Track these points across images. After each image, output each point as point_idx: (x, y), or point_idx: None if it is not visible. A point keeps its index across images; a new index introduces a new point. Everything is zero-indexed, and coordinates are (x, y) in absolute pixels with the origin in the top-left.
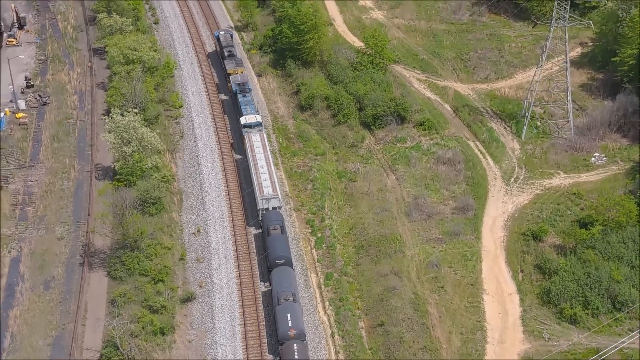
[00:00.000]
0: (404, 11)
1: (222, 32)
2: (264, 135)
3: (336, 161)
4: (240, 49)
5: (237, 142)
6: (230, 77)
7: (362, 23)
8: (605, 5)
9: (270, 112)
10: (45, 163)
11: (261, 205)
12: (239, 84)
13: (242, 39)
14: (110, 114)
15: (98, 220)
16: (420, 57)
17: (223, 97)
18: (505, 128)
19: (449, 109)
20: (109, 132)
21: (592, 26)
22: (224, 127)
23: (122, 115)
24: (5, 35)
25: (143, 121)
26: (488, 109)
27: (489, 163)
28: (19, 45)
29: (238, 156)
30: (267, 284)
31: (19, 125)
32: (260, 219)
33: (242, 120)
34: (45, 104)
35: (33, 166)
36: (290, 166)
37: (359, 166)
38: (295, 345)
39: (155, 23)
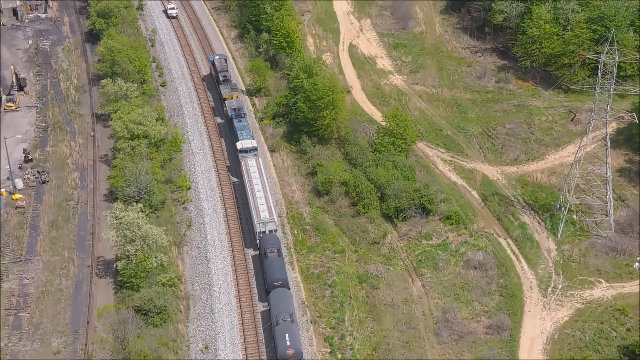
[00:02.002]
0: (426, 76)
1: (217, 57)
2: (260, 160)
3: (356, 261)
4: (252, 117)
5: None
6: (226, 102)
7: (382, 90)
8: None
9: (284, 196)
10: (42, 256)
11: (258, 229)
12: (234, 109)
13: (253, 105)
14: (114, 208)
15: (96, 345)
16: (444, 132)
17: (234, 179)
18: (539, 222)
19: (476, 196)
20: (111, 230)
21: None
22: (234, 214)
23: (125, 210)
24: (4, 99)
25: (148, 208)
26: (519, 198)
27: (524, 267)
28: (18, 110)
29: (251, 251)
30: (265, 304)
31: (16, 208)
32: (257, 242)
33: (238, 145)
34: (44, 182)
35: (30, 260)
36: (307, 265)
37: (382, 268)
38: None
39: (162, 85)
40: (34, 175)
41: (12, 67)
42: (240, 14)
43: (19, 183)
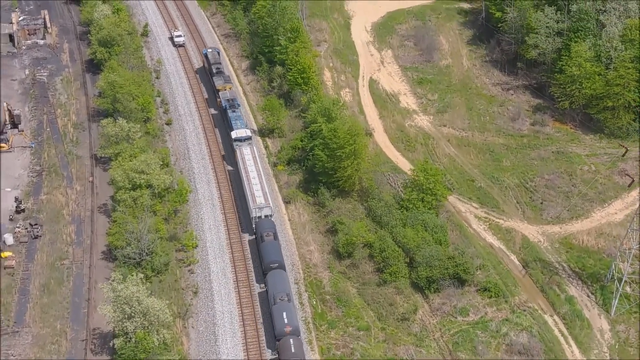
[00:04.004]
0: (454, 117)
1: (209, 50)
2: (254, 148)
3: (384, 341)
4: (265, 162)
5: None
6: (220, 93)
7: (406, 133)
8: None
9: (300, 257)
10: (32, 327)
11: (254, 214)
12: (228, 100)
13: (266, 147)
14: (111, 278)
15: None
16: (476, 183)
17: (248, 237)
18: (588, 296)
19: (516, 262)
20: (108, 304)
21: None
22: (246, 279)
23: (124, 282)
24: None
25: (150, 270)
26: (564, 265)
27: (574, 352)
28: (11, 151)
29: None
30: (262, 285)
31: (5, 268)
32: (253, 227)
33: (233, 134)
34: (36, 237)
35: (17, 332)
36: (327, 345)
37: (413, 351)
38: (291, 340)
39: (167, 124)
40: (26, 228)
41: (5, 103)
42: (252, 43)
43: (9, 238)
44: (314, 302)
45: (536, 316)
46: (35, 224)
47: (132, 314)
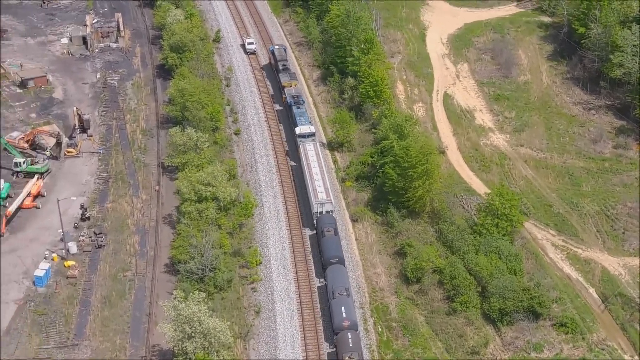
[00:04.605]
0: (532, 136)
1: (276, 47)
2: (317, 144)
3: None
4: (333, 176)
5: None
6: (285, 89)
7: (481, 152)
8: None
9: (367, 279)
10: (91, 341)
11: (316, 209)
12: (293, 96)
13: (335, 162)
14: (173, 296)
15: None
16: (554, 209)
17: (310, 254)
18: None
19: (595, 296)
20: (168, 323)
21: None
22: (310, 300)
23: (185, 300)
24: (64, 142)
25: (212, 287)
26: None
27: None
28: (79, 156)
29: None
30: (321, 279)
31: (67, 278)
32: (314, 222)
33: (297, 130)
34: (100, 246)
35: (77, 345)
36: None
37: None
38: (349, 334)
39: (236, 134)
40: (90, 237)
41: (75, 108)
42: (324, 52)
43: (73, 247)
44: (380, 329)
45: (615, 356)
46: (100, 233)
47: (193, 334)
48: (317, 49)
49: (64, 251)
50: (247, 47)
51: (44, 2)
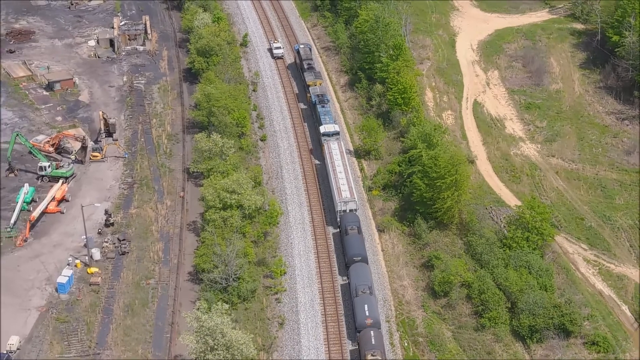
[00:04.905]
0: (563, 147)
1: (301, 46)
2: (342, 143)
3: None
4: (360, 184)
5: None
6: (310, 88)
7: (511, 162)
8: None
9: (393, 292)
10: (113, 350)
11: (339, 207)
12: (317, 95)
13: (362, 169)
14: (196, 306)
15: None
16: (586, 222)
17: (337, 268)
18: None
19: (628, 313)
20: (190, 334)
21: None
22: (335, 313)
23: (208, 311)
24: (89, 146)
25: (236, 297)
26: None
27: None
28: (104, 161)
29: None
30: (344, 277)
31: (90, 285)
32: (338, 220)
33: (322, 129)
34: (124, 253)
35: (99, 354)
36: None
37: None
38: (372, 332)
39: (262, 140)
40: (114, 243)
41: (100, 112)
42: (352, 58)
43: (97, 254)
44: (406, 344)
45: None
46: (124, 240)
47: (215, 347)
48: (345, 54)
49: (87, 257)
50: (275, 51)
51: (72, 4)
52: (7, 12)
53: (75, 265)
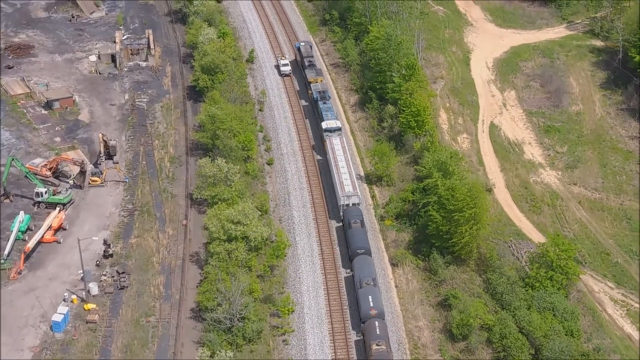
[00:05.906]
0: (585, 174)
1: (302, 44)
2: (344, 138)
3: None
4: (371, 214)
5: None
6: (311, 85)
7: (531, 190)
8: None
9: (408, 334)
10: None
11: (342, 201)
12: (319, 92)
13: (373, 197)
14: (199, 352)
15: None
16: (612, 258)
17: (346, 305)
18: None
19: None
20: None
21: None
22: (346, 357)
23: (211, 358)
24: (88, 171)
25: (241, 339)
26: None
27: None
28: (103, 186)
29: None
30: (348, 270)
31: (87, 323)
32: (341, 214)
33: (323, 125)
34: (123, 287)
35: None
36: None
37: None
38: (376, 322)
39: (268, 163)
40: (113, 277)
41: (100, 135)
42: (362, 76)
43: (94, 288)
44: None
45: None
46: (123, 272)
47: None
48: (355, 72)
49: (84, 292)
50: (282, 69)
51: (73, 17)
52: (6, 25)
53: (72, 301)
